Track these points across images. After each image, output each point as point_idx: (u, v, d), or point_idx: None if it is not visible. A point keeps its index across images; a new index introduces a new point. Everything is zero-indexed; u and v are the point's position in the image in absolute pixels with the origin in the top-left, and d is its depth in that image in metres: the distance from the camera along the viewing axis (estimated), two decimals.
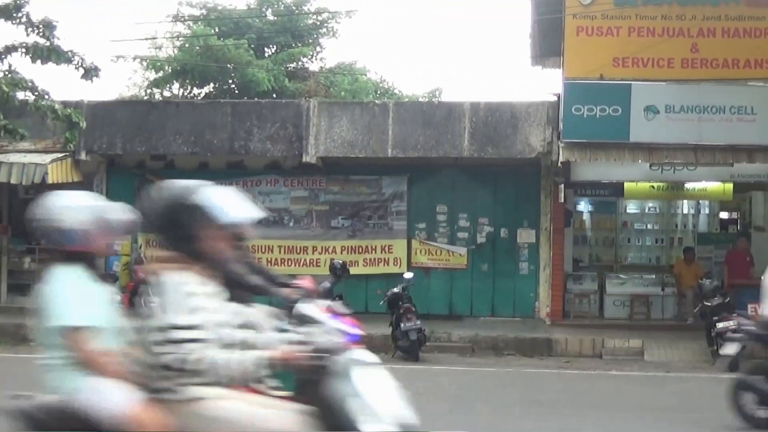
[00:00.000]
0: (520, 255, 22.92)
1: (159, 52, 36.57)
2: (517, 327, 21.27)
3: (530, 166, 22.33)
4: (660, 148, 20.09)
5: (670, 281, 22.97)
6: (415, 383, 15.54)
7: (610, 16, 20.44)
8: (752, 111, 19.79)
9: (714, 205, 26.64)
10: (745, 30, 20.32)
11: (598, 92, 20.04)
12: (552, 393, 14.85)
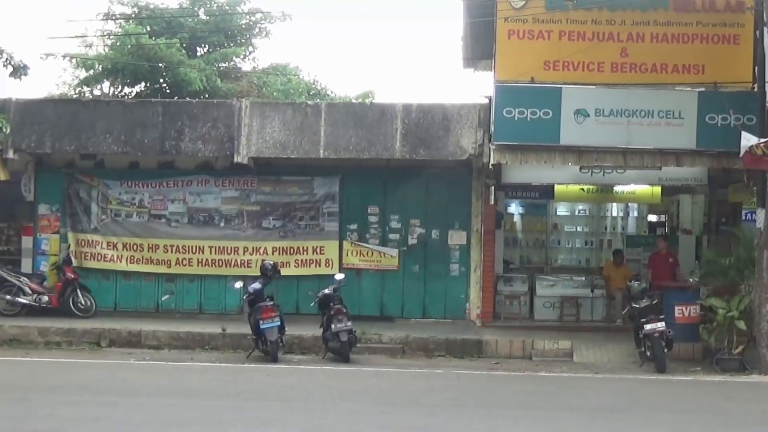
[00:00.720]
0: (451, 257, 22.99)
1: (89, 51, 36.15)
2: (447, 328, 21.33)
3: (462, 168, 22.42)
4: (590, 151, 20.25)
5: (600, 283, 23.17)
6: (346, 384, 15.63)
7: (542, 20, 20.56)
8: (680, 115, 20.01)
9: (642, 208, 26.99)
10: (674, 35, 20.55)
11: (529, 95, 20.15)
12: (482, 394, 14.93)
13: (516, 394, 15.09)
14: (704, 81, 20.33)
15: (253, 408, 13.15)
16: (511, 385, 16.21)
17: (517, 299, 22.78)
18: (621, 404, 14.35)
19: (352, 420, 12.48)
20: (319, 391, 14.81)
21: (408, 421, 12.48)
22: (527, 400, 14.52)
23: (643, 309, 18.63)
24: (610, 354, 19.53)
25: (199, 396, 14.23)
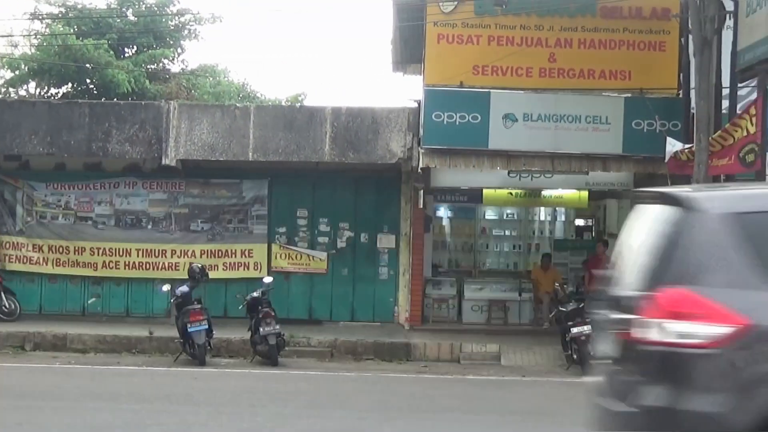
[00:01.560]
0: (380, 260, 23.02)
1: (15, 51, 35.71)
2: (376, 332, 21.35)
3: (391, 172, 22.45)
4: (518, 155, 20.40)
5: (527, 287, 23.32)
6: (274, 387, 15.58)
7: (471, 24, 20.67)
8: (607, 120, 20.23)
9: (570, 212, 27.16)
10: (601, 41, 20.77)
11: (458, 99, 20.24)
12: (409, 397, 14.93)
13: (443, 397, 15.12)
14: (631, 87, 20.60)
15: (180, 412, 13.04)
16: (439, 388, 16.24)
17: (445, 303, 22.87)
18: (547, 407, 14.44)
19: (280, 423, 12.44)
20: (247, 395, 14.74)
21: (336, 425, 12.46)
22: (454, 403, 14.56)
23: (570, 312, 18.75)
24: (537, 357, 19.66)
25: (125, 400, 14.07)
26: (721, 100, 18.81)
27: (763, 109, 17.05)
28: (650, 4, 20.79)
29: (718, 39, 18.59)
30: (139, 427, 12.12)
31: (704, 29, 18.10)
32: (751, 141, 17.17)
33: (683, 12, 19.31)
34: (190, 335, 18.32)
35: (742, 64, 18.32)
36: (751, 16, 17.91)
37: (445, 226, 26.60)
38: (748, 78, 18.57)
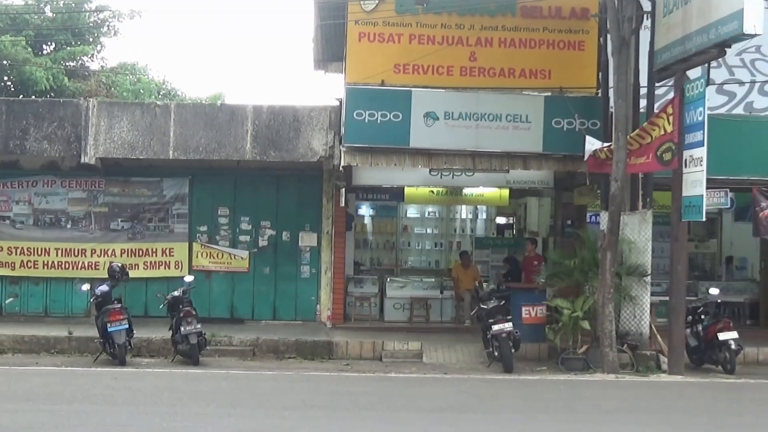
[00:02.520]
0: (302, 258, 22.99)
1: None
2: (298, 330, 21.31)
3: (313, 170, 22.43)
4: (439, 153, 20.48)
5: (449, 284, 23.45)
6: (195, 387, 15.48)
7: (392, 23, 20.70)
8: (527, 119, 20.39)
9: (491, 210, 27.39)
10: (521, 40, 20.93)
11: (379, 98, 20.26)
12: (331, 395, 14.92)
13: (365, 395, 15.13)
14: (550, 86, 20.79)
15: (100, 413, 12.90)
16: (361, 386, 16.24)
17: (367, 301, 22.90)
18: (468, 404, 14.52)
19: (201, 423, 12.36)
20: (168, 395, 14.63)
21: (257, 424, 12.42)
22: (376, 401, 14.58)
23: (491, 310, 18.87)
24: (458, 354, 19.76)
25: (44, 401, 13.90)
26: (639, 99, 19.11)
27: (680, 108, 17.36)
28: (569, 4, 20.98)
29: (636, 39, 18.87)
30: (58, 428, 11.98)
31: (622, 29, 18.36)
32: (668, 140, 17.46)
33: (602, 12, 19.56)
34: (110, 335, 18.14)
35: (659, 63, 18.64)
36: (667, 16, 18.23)
37: (367, 224, 26.69)
38: (665, 77, 18.88)
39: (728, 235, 25.94)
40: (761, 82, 21.39)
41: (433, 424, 12.71)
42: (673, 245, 18.32)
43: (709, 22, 16.48)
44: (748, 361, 19.71)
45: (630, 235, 18.85)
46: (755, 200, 20.33)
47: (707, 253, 26.24)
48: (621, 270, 18.64)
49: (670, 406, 14.89)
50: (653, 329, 19.11)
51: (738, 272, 25.54)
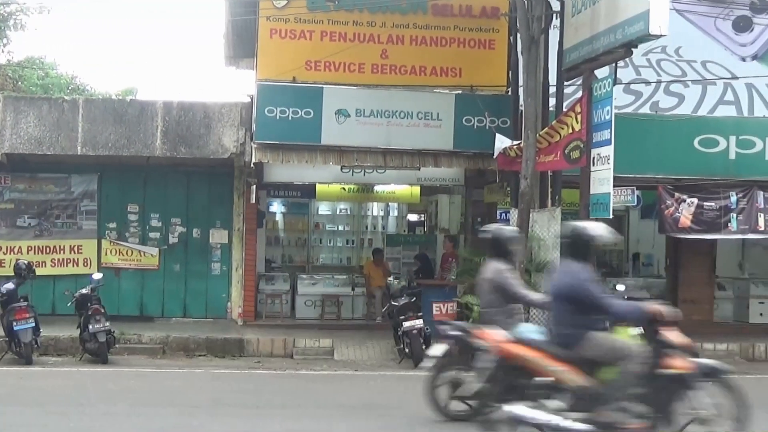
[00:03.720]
0: (213, 255, 22.86)
1: None
2: (208, 328, 21.19)
3: (223, 167, 22.31)
4: (350, 150, 20.50)
5: (360, 281, 23.48)
6: (103, 386, 15.30)
7: (304, 19, 20.69)
8: (438, 117, 20.50)
9: (402, 208, 27.46)
10: (432, 39, 21.07)
11: (290, 94, 20.24)
12: (241, 393, 14.87)
13: (276, 392, 15.11)
14: (461, 84, 20.95)
15: (5, 413, 12.69)
16: (272, 383, 16.22)
17: (278, 298, 22.84)
18: (379, 400, 14.56)
19: (110, 422, 12.23)
20: (75, 394, 14.45)
21: (166, 422, 12.32)
22: (287, 398, 14.56)
23: (402, 307, 18.94)
24: (370, 351, 19.80)
25: None
26: (548, 98, 19.32)
27: (587, 107, 17.56)
28: (480, 3, 21.17)
29: (546, 38, 19.09)
30: None
31: (532, 28, 18.54)
32: (576, 138, 17.66)
33: (512, 11, 19.73)
34: (15, 334, 17.84)
35: (568, 62, 18.84)
36: (576, 16, 18.44)
37: (278, 221, 26.61)
38: (574, 76, 19.09)
39: (635, 233, 26.32)
40: (667, 82, 21.78)
41: (343, 421, 12.72)
42: None
43: (616, 23, 16.70)
44: None
45: (539, 232, 19.04)
46: (661, 198, 20.67)
47: (614, 250, 26.57)
48: (530, 266, 18.80)
49: None
50: None
51: (644, 269, 25.94)
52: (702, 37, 21.98)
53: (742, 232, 20.98)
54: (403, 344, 18.62)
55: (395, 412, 13.37)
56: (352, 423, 12.63)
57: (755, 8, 22.11)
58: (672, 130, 20.59)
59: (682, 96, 21.90)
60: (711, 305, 23.56)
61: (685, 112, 21.55)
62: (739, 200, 20.66)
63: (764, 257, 25.64)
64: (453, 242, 23.40)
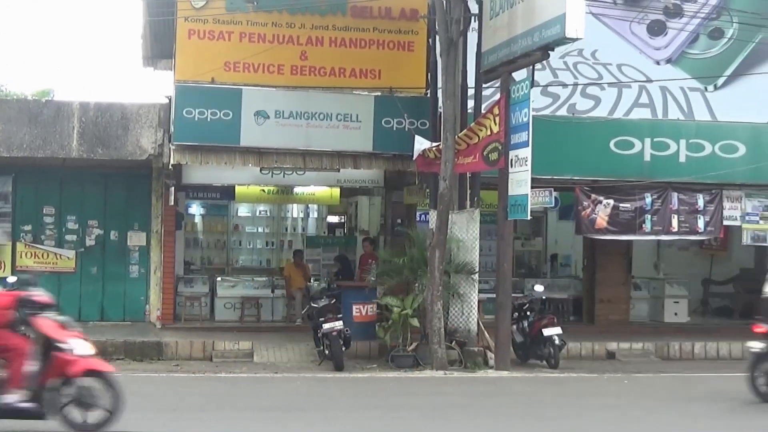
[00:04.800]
0: (131, 258, 22.66)
1: None
2: (126, 331, 20.99)
3: (142, 169, 22.11)
4: (270, 152, 20.44)
5: (280, 283, 23.42)
6: None
7: (222, 20, 20.57)
8: (357, 119, 20.52)
9: (322, 209, 27.44)
10: (351, 40, 21.08)
11: (209, 96, 20.11)
12: (159, 397, 14.74)
13: (194, 395, 15.00)
14: (381, 86, 21.01)
15: None
16: (190, 386, 16.10)
17: (197, 300, 22.70)
18: (298, 403, 14.54)
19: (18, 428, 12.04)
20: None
21: None
22: (205, 401, 14.46)
23: (322, 308, 18.96)
24: (290, 353, 19.76)
25: None
26: (466, 100, 19.45)
27: (505, 109, 17.72)
28: (399, 5, 21.23)
29: (464, 40, 19.19)
30: None
31: (450, 31, 18.63)
32: (494, 140, 17.80)
33: (431, 13, 19.81)
34: None
35: (486, 65, 19.00)
36: (494, 19, 18.60)
37: (197, 223, 26.42)
38: (492, 79, 19.26)
39: (553, 234, 26.61)
40: (583, 85, 22.03)
41: (263, 423, 12.69)
42: (499, 243, 18.70)
43: (534, 26, 16.88)
44: (572, 355, 20.32)
45: (458, 233, 19.16)
46: (578, 199, 20.93)
47: (533, 251, 26.85)
48: (450, 268, 18.92)
49: (495, 400, 15.21)
50: (481, 326, 19.46)
51: (562, 269, 26.22)
52: (617, 41, 22.26)
53: (656, 233, 21.36)
54: (323, 346, 18.62)
55: (314, 414, 13.37)
56: (270, 425, 12.59)
57: (669, 13, 22.46)
58: (588, 132, 20.87)
59: (599, 99, 22.16)
60: (627, 305, 23.89)
61: (602, 114, 21.80)
62: (654, 201, 21.01)
63: (678, 258, 26.14)
64: (372, 244, 23.42)
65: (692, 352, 21.38)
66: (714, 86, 22.63)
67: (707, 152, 21.04)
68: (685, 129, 21.36)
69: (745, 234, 21.72)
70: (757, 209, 21.52)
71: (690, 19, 22.51)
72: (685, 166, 20.93)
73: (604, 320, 23.41)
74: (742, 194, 21.48)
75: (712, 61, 22.72)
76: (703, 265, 26.92)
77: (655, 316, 24.40)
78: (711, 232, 21.79)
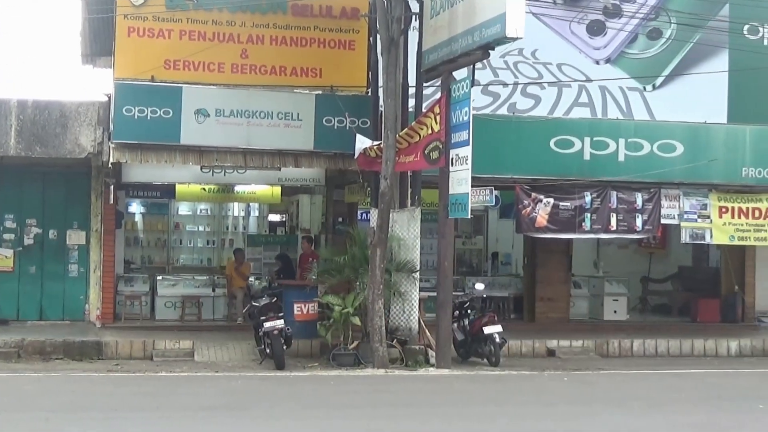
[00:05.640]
0: (70, 257, 22.46)
1: None
2: (66, 330, 20.81)
3: (81, 167, 21.94)
4: (210, 151, 20.34)
5: (221, 282, 23.34)
6: None
7: (162, 18, 20.45)
8: (298, 117, 20.47)
9: (263, 208, 27.43)
10: (292, 39, 21.04)
11: (149, 94, 19.96)
12: (99, 396, 14.65)
13: (134, 395, 14.92)
14: (322, 84, 20.99)
15: None
16: (131, 386, 16.00)
17: (138, 299, 22.56)
18: (239, 402, 14.51)
19: None
20: None
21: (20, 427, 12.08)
22: (145, 400, 14.39)
23: (263, 307, 18.92)
24: (231, 352, 19.70)
25: None
26: (407, 99, 19.49)
27: (446, 108, 17.79)
28: (340, 3, 21.23)
29: (405, 39, 19.22)
30: None
31: (391, 29, 18.66)
32: (435, 139, 17.86)
33: (372, 12, 19.83)
34: None
35: (427, 64, 19.06)
36: (435, 18, 18.66)
37: (137, 222, 26.31)
38: (432, 78, 19.32)
39: (494, 232, 26.79)
40: (524, 84, 22.18)
41: (203, 423, 12.66)
42: (440, 242, 18.78)
43: (474, 25, 16.95)
44: (512, 353, 20.44)
45: (399, 232, 19.20)
46: (518, 198, 21.06)
47: (474, 250, 27.01)
48: (391, 266, 18.97)
49: (437, 398, 15.28)
50: (422, 324, 19.53)
51: (503, 268, 26.40)
52: (557, 41, 22.46)
53: (595, 232, 21.54)
54: (264, 345, 18.59)
55: (254, 413, 13.36)
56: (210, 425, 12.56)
57: (608, 13, 22.69)
58: (529, 132, 20.99)
59: (539, 98, 22.33)
60: (567, 303, 24.09)
61: (542, 113, 21.97)
62: (594, 200, 21.19)
63: (618, 256, 26.41)
64: (310, 242, 23.43)
65: (631, 349, 21.59)
66: (652, 86, 22.90)
67: (646, 151, 21.23)
68: (624, 128, 21.54)
69: (684, 232, 21.94)
70: (695, 208, 21.76)
71: (629, 20, 22.75)
72: (624, 165, 21.10)
73: (545, 318, 23.59)
74: (679, 193, 21.70)
75: (650, 61, 22.99)
76: (642, 263, 27.23)
77: (595, 313, 24.62)
78: (649, 231, 22.02)
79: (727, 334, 22.59)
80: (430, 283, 21.26)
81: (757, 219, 21.93)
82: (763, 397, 15.24)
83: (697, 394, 15.93)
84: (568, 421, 13.27)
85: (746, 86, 22.85)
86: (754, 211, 21.90)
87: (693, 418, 13.55)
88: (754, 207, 21.89)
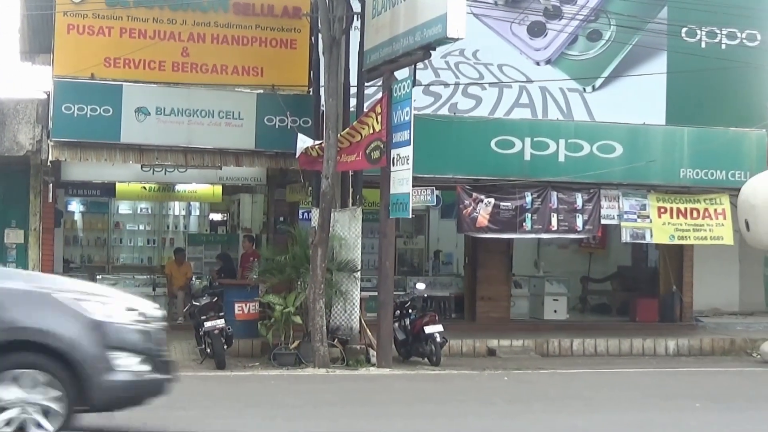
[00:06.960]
0: (8, 256, 22.24)
1: None
2: None
3: (19, 165, 21.73)
4: (151, 149, 20.25)
5: (162, 281, 23.22)
6: None
7: (102, 15, 20.32)
8: (240, 116, 20.44)
9: (204, 207, 27.31)
10: (233, 37, 20.99)
11: (89, 92, 19.83)
12: None
13: None
14: (263, 83, 20.97)
15: None
16: None
17: None
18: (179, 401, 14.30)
19: None
20: None
21: None
22: None
23: (204, 307, 18.82)
24: (171, 352, 19.33)
25: None
26: (349, 98, 19.50)
27: (387, 108, 17.80)
28: (281, 2, 21.21)
29: (347, 39, 19.23)
30: None
31: (333, 29, 18.65)
32: (377, 138, 17.88)
33: (313, 11, 19.83)
34: None
35: (368, 63, 19.07)
36: (376, 18, 18.67)
37: (77, 220, 26.10)
38: (374, 77, 19.33)
39: (435, 232, 26.85)
40: (465, 84, 22.26)
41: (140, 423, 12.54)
42: (381, 241, 18.79)
43: (415, 25, 16.98)
44: (453, 353, 20.50)
45: (341, 231, 19.20)
46: (459, 198, 21.12)
47: (415, 249, 27.07)
48: (332, 266, 18.95)
49: (378, 397, 15.29)
50: (363, 324, 19.54)
51: (444, 267, 26.48)
52: (498, 41, 22.54)
53: (536, 232, 21.65)
54: (205, 344, 18.50)
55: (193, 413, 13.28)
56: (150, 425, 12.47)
57: (549, 14, 22.80)
58: (470, 132, 21.06)
59: (480, 98, 22.41)
60: (508, 302, 24.20)
61: (483, 114, 22.05)
62: (534, 200, 21.30)
63: (558, 256, 26.59)
64: (251, 241, 23.35)
65: (571, 348, 21.74)
66: (592, 87, 23.05)
67: (585, 152, 21.38)
68: (564, 129, 21.68)
69: (624, 232, 22.09)
70: (635, 208, 21.92)
71: (569, 21, 22.88)
72: (564, 165, 21.24)
73: (485, 318, 23.69)
74: (619, 193, 21.87)
75: (590, 63, 23.15)
76: (582, 263, 27.44)
77: (535, 313, 24.77)
78: (589, 231, 22.18)
79: (665, 334, 22.81)
80: (371, 283, 21.26)
81: (695, 219, 22.13)
82: (699, 396, 15.39)
83: (636, 392, 16.03)
84: (508, 420, 13.32)
85: (684, 88, 23.06)
86: (692, 211, 22.11)
87: (631, 417, 13.64)
88: (692, 207, 22.10)
